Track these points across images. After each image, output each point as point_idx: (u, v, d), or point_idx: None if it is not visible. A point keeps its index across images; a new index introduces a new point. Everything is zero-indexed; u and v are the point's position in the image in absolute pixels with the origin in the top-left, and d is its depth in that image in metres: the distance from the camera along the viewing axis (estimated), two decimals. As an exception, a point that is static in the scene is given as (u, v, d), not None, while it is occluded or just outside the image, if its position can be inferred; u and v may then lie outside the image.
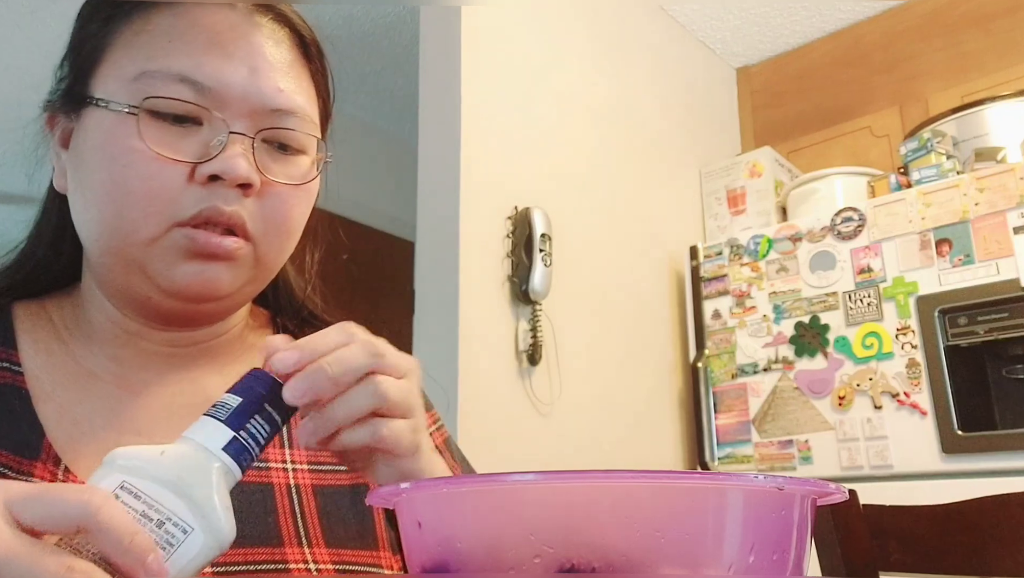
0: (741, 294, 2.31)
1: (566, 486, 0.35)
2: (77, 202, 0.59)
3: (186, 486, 0.40)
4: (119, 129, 0.55)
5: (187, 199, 0.55)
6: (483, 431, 1.83)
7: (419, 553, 0.38)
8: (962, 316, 1.94)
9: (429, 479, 0.52)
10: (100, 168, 0.56)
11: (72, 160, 0.59)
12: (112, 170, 0.55)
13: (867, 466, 2.00)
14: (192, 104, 0.56)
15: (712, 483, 0.36)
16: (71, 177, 0.59)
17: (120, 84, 0.56)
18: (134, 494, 0.40)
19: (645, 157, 2.55)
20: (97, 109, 0.56)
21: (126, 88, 0.56)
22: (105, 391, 0.60)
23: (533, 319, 1.98)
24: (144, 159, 0.54)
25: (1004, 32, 2.54)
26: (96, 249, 0.58)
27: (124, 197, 0.55)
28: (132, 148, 0.55)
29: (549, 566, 0.33)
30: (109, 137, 0.55)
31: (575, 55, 2.37)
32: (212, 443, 0.42)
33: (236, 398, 0.43)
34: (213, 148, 0.55)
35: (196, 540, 0.40)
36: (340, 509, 0.62)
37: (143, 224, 0.55)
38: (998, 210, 1.94)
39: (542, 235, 1.98)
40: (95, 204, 0.56)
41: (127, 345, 0.62)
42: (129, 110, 0.55)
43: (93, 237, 0.58)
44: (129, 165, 0.54)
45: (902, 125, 2.60)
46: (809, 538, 0.38)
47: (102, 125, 0.56)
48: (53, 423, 0.57)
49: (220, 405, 0.43)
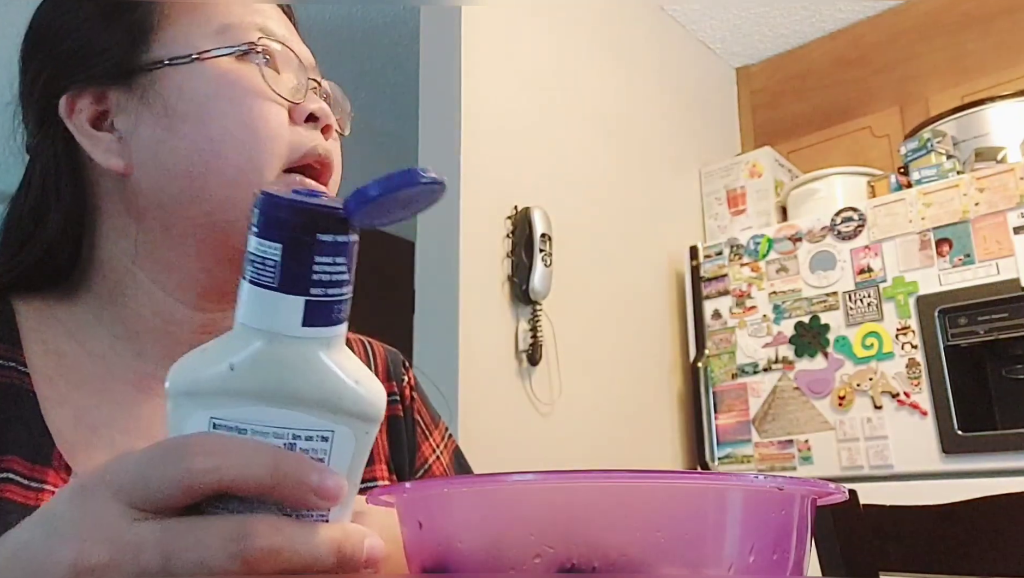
0: (741, 294, 2.31)
1: (567, 486, 0.35)
2: (161, 165, 0.56)
3: (288, 391, 0.31)
4: (234, 75, 0.56)
5: (295, 140, 0.57)
6: (483, 431, 1.83)
7: (419, 553, 0.38)
8: (962, 316, 1.94)
9: (430, 479, 0.52)
10: (217, 117, 0.55)
11: (149, 126, 0.56)
12: (237, 113, 0.55)
13: (867, 466, 2.00)
14: (284, 47, 0.58)
15: (712, 483, 0.36)
16: (144, 148, 0.57)
17: (202, 40, 0.57)
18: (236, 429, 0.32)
19: (645, 157, 2.55)
20: (185, 67, 0.56)
21: (212, 41, 0.57)
22: (124, 394, 0.58)
23: (533, 319, 1.98)
24: (265, 100, 0.56)
25: (1004, 32, 2.54)
26: (194, 208, 0.56)
27: (253, 138, 0.55)
28: (257, 91, 0.56)
29: (549, 566, 0.33)
30: (223, 84, 0.56)
31: (575, 55, 2.37)
32: (284, 324, 0.31)
33: (274, 246, 0.31)
34: (299, 91, 0.58)
35: (343, 439, 0.32)
36: None
37: (268, 165, 0.56)
38: (998, 210, 1.94)
39: (542, 235, 1.98)
40: (211, 155, 0.55)
41: (158, 338, 0.59)
42: (245, 52, 0.56)
43: (190, 195, 0.56)
44: (253, 106, 0.56)
45: (902, 125, 2.60)
46: (809, 538, 0.38)
47: (205, 76, 0.56)
48: (69, 429, 0.54)
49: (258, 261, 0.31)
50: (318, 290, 0.31)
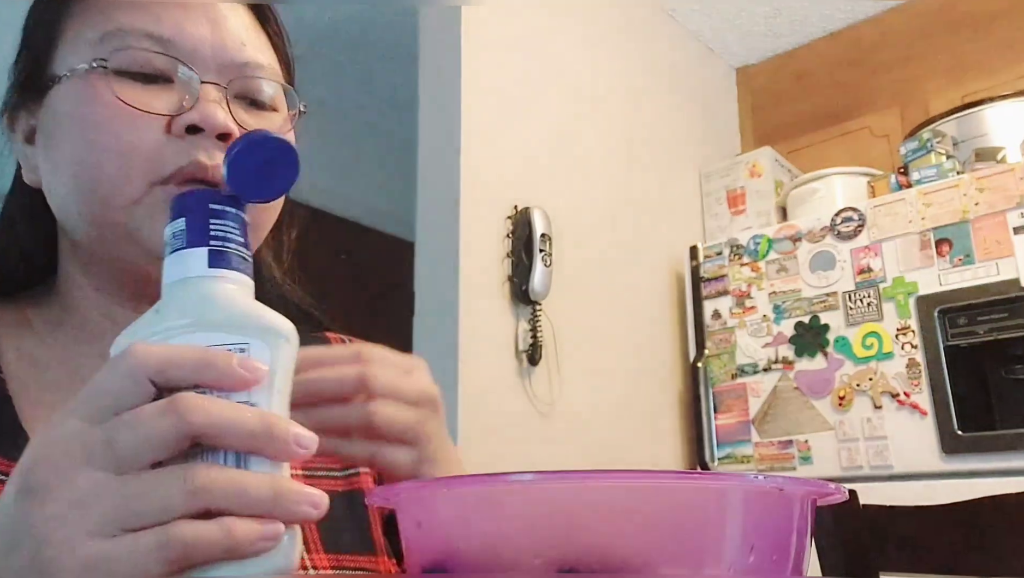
0: (741, 294, 2.31)
1: (567, 486, 0.35)
2: (53, 185, 0.56)
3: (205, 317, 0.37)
4: (87, 91, 0.53)
5: (166, 154, 0.52)
6: (483, 431, 1.83)
7: (419, 553, 0.38)
8: (962, 316, 1.94)
9: (430, 479, 0.52)
10: (73, 136, 0.53)
11: (42, 146, 0.57)
12: (85, 133, 0.53)
13: (867, 466, 2.00)
14: (162, 55, 0.53)
15: (712, 483, 0.36)
16: (43, 166, 0.57)
17: (82, 53, 0.54)
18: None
19: (645, 157, 2.55)
20: (61, 84, 0.54)
21: (90, 53, 0.54)
22: None
23: (533, 319, 1.98)
24: (117, 115, 0.52)
25: (1004, 32, 2.54)
26: (81, 226, 0.56)
27: (100, 158, 0.52)
28: (104, 104, 0.52)
29: (549, 566, 0.33)
30: (78, 102, 0.53)
31: (575, 55, 2.37)
32: (194, 268, 0.38)
33: (179, 221, 0.39)
34: (187, 102, 0.53)
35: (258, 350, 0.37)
36: (336, 514, 0.62)
37: (123, 184, 0.52)
38: (998, 210, 1.94)
39: (542, 235, 1.98)
40: (72, 176, 0.54)
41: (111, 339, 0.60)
42: (96, 65, 0.52)
43: (75, 214, 0.55)
44: (101, 124, 0.52)
45: (902, 125, 2.60)
46: (809, 538, 0.38)
47: (69, 95, 0.54)
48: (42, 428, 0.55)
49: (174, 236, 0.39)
50: (216, 243, 0.39)
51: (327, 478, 0.63)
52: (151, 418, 0.33)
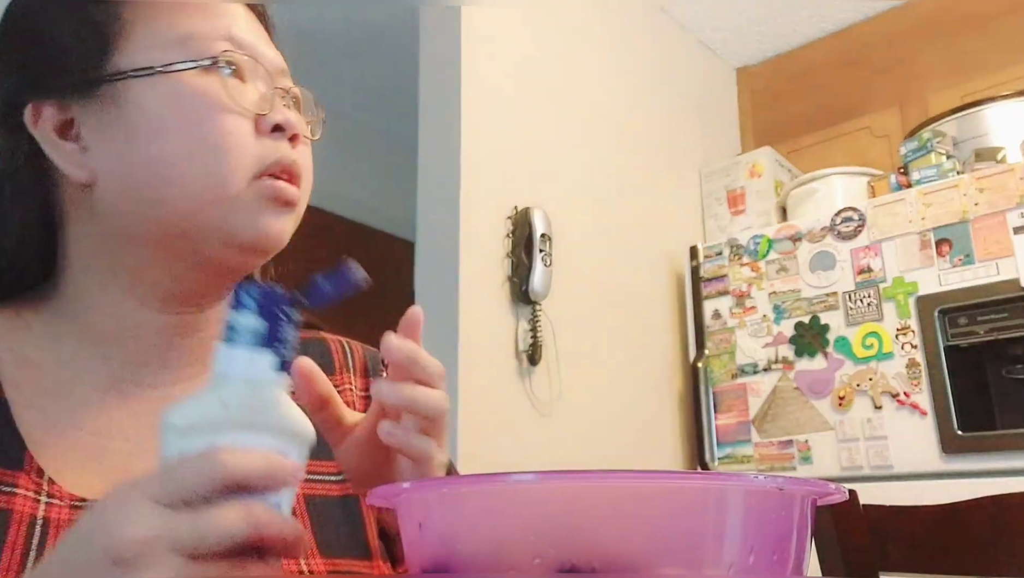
0: (741, 294, 2.31)
1: (568, 486, 0.35)
2: (127, 178, 0.56)
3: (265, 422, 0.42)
4: (195, 88, 0.56)
5: (260, 151, 0.57)
6: (483, 431, 1.83)
7: (419, 553, 0.38)
8: (962, 316, 1.94)
9: (430, 479, 0.52)
10: (177, 132, 0.55)
11: (106, 139, 0.56)
12: (193, 130, 0.55)
13: (867, 466, 2.00)
14: (248, 57, 0.58)
15: (713, 483, 0.36)
16: (105, 161, 0.56)
17: (164, 51, 0.56)
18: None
19: (645, 157, 2.55)
20: (145, 78, 0.55)
21: (174, 53, 0.56)
22: (91, 397, 0.58)
23: (533, 319, 1.98)
24: (224, 112, 0.56)
25: (1004, 32, 2.54)
26: (161, 220, 0.56)
27: (213, 154, 0.55)
28: (212, 102, 0.56)
29: (550, 566, 0.33)
30: (183, 99, 0.55)
31: (575, 55, 2.37)
32: (263, 372, 0.42)
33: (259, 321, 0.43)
34: (265, 101, 0.58)
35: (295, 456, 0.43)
36: (332, 519, 0.62)
37: (232, 178, 0.56)
38: (998, 210, 1.94)
39: (542, 235, 1.98)
40: (169, 169, 0.55)
41: (123, 342, 0.59)
42: (209, 65, 0.56)
43: (155, 206, 0.56)
44: (215, 121, 0.55)
45: (902, 125, 2.60)
46: (809, 538, 0.38)
47: (166, 90, 0.55)
48: (38, 431, 0.55)
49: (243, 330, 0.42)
50: (284, 349, 0.43)
51: (322, 482, 0.63)
52: (232, 524, 0.38)
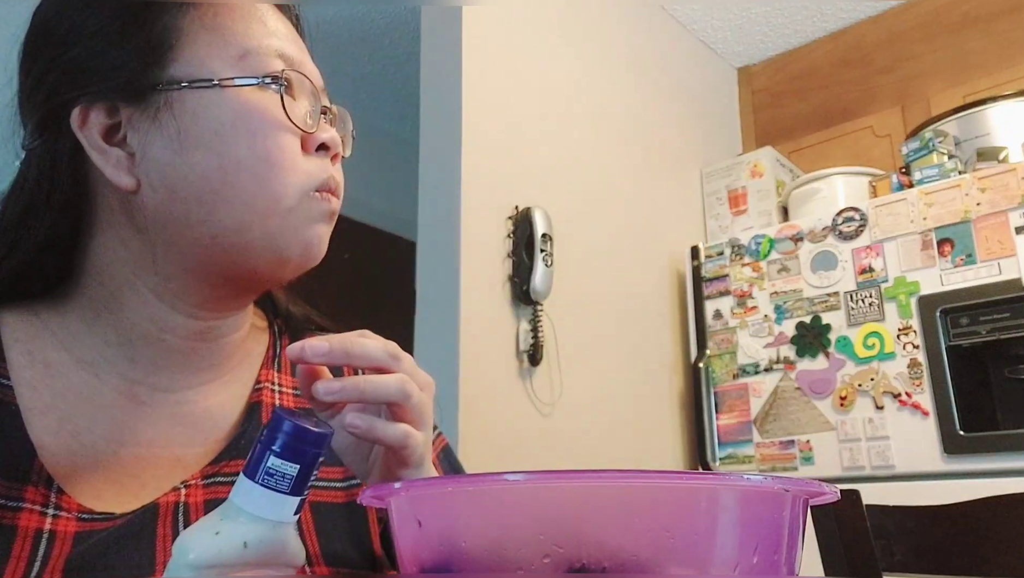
0: (742, 294, 2.31)
1: (577, 486, 0.35)
2: (180, 186, 0.55)
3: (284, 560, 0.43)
4: (254, 104, 0.56)
5: (311, 168, 0.58)
6: (484, 431, 1.83)
7: (418, 553, 0.38)
8: (964, 316, 1.94)
9: (431, 478, 0.52)
10: (233, 146, 0.55)
11: (159, 147, 0.56)
12: (255, 143, 0.56)
13: (868, 466, 2.00)
14: (302, 76, 0.59)
15: (722, 483, 0.36)
16: (159, 167, 0.56)
17: (224, 63, 0.56)
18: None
19: (646, 157, 2.55)
20: (206, 90, 0.55)
21: (234, 67, 0.56)
22: (110, 400, 0.57)
23: (534, 319, 1.98)
24: (283, 131, 0.57)
25: (1005, 32, 2.53)
26: (202, 230, 0.56)
27: (269, 169, 0.56)
28: (276, 122, 0.56)
29: (559, 566, 0.33)
30: (242, 113, 0.56)
31: (576, 55, 2.37)
32: (286, 515, 0.43)
33: (292, 466, 0.42)
34: (312, 119, 0.59)
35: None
36: (336, 526, 0.62)
37: (286, 194, 0.56)
38: (1000, 210, 1.94)
39: (543, 235, 1.98)
40: (224, 182, 0.55)
41: (150, 344, 0.59)
42: (271, 83, 0.57)
43: (205, 218, 0.55)
44: (272, 137, 0.56)
45: (904, 125, 2.60)
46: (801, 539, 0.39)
47: (225, 103, 0.56)
48: (51, 438, 0.54)
49: (276, 474, 0.42)
50: (307, 489, 0.43)
51: (327, 489, 0.63)
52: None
